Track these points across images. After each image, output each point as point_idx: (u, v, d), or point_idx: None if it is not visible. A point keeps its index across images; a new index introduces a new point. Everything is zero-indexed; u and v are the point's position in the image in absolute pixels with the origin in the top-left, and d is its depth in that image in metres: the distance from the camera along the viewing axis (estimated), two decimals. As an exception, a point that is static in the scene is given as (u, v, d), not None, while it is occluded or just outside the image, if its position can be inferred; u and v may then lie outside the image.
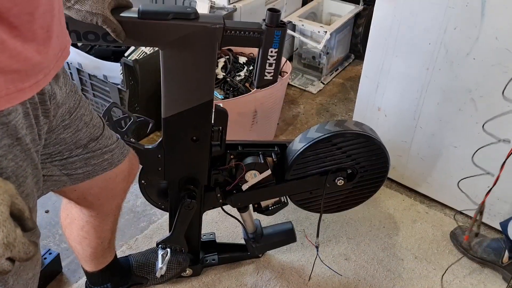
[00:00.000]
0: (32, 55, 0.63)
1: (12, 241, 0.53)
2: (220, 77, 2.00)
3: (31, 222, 0.57)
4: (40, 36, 0.64)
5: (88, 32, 0.95)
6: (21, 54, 0.61)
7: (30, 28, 0.61)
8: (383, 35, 1.64)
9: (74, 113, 0.88)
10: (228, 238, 1.68)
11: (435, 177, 1.78)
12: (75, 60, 1.99)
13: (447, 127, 1.63)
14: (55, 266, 1.52)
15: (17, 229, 0.54)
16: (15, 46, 0.59)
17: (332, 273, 1.56)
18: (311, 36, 2.50)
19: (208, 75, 1.08)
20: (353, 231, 1.72)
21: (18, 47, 0.60)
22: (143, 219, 1.75)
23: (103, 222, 1.19)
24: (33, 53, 0.63)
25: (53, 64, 0.71)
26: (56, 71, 0.72)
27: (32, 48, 0.62)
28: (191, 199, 1.26)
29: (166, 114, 1.14)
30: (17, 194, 0.56)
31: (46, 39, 0.66)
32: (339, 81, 2.69)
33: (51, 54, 0.69)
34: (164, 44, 1.02)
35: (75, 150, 0.91)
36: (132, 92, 1.94)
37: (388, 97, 1.75)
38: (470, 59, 1.46)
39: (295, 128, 2.29)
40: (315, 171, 1.33)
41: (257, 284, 1.52)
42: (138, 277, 1.45)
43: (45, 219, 1.72)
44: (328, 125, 1.30)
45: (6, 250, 0.53)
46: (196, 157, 1.24)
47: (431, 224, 1.75)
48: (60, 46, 0.73)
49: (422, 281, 1.54)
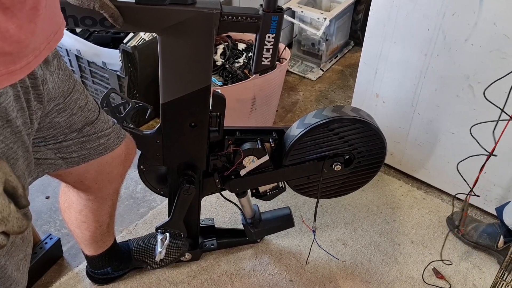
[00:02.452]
0: (25, 36, 0.63)
1: (6, 216, 0.54)
2: (219, 63, 2.00)
3: (24, 199, 0.58)
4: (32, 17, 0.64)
5: (85, 17, 0.95)
6: (13, 37, 0.61)
7: (21, 9, 0.61)
8: (381, 22, 1.64)
9: (69, 97, 0.88)
10: (226, 224, 1.70)
11: (432, 163, 1.79)
12: (74, 47, 1.99)
13: (444, 113, 1.64)
14: (56, 251, 1.54)
15: (11, 204, 0.56)
16: (7, 28, 0.59)
17: (329, 258, 1.58)
18: (311, 22, 2.49)
19: (205, 61, 1.08)
20: (351, 217, 1.74)
21: (10, 29, 0.60)
22: (143, 205, 1.76)
23: (101, 206, 1.21)
24: (26, 34, 0.63)
25: (44, 46, 0.70)
26: (48, 52, 0.72)
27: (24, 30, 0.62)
28: (190, 184, 1.27)
29: (164, 100, 1.15)
30: (11, 172, 0.57)
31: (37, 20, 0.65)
32: (339, 68, 2.69)
33: (42, 35, 0.69)
34: (161, 30, 1.02)
35: (70, 134, 0.92)
36: (131, 78, 1.95)
37: (386, 84, 1.75)
38: (468, 45, 1.46)
39: (294, 115, 2.29)
40: (312, 157, 1.34)
41: (256, 268, 1.54)
42: (138, 261, 1.47)
43: (45, 205, 1.74)
44: (325, 111, 1.31)
45: (1, 224, 0.54)
46: (194, 143, 1.25)
47: (428, 210, 1.77)
48: (52, 28, 0.73)
49: (418, 266, 1.56)
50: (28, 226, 0.58)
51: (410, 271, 1.54)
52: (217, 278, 1.50)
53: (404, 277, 1.53)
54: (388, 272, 1.54)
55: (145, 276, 1.50)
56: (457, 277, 1.53)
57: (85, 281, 1.47)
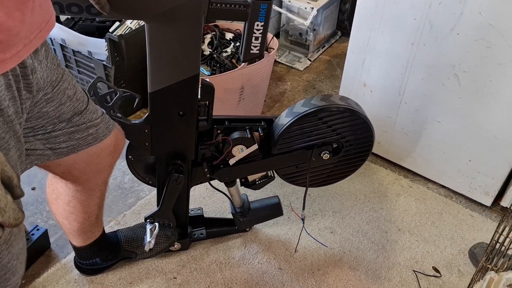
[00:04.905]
0: (14, 25, 0.62)
1: (4, 207, 0.53)
2: (207, 53, 1.99)
3: (19, 189, 0.57)
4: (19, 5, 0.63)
5: (71, 4, 0.94)
6: (2, 25, 0.60)
7: None
8: (369, 11, 1.64)
9: (57, 86, 0.87)
10: (215, 213, 1.70)
11: (419, 151, 1.81)
12: (59, 36, 1.96)
13: (431, 102, 1.66)
14: (43, 242, 1.53)
15: (8, 195, 0.55)
16: None
17: (318, 246, 1.59)
18: (298, 12, 2.48)
19: (194, 49, 1.08)
20: (339, 205, 1.75)
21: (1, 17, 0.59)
22: (131, 195, 1.76)
23: (90, 197, 1.20)
24: (14, 22, 0.62)
25: (34, 35, 0.69)
26: (39, 41, 0.71)
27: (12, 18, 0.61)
28: (178, 174, 1.27)
29: (152, 89, 1.14)
30: (6, 161, 0.56)
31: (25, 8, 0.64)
32: (326, 58, 2.69)
33: (32, 24, 0.68)
34: (149, 17, 1.01)
35: (59, 124, 0.91)
36: (117, 68, 1.92)
37: (373, 73, 1.76)
38: (454, 34, 1.48)
39: (282, 105, 2.29)
40: (301, 146, 1.35)
41: (245, 257, 1.55)
42: (127, 252, 1.46)
43: (32, 196, 1.72)
44: (314, 100, 1.31)
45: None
46: (183, 132, 1.24)
47: (415, 198, 1.80)
48: (43, 17, 0.72)
49: (404, 252, 1.59)
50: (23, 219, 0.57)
51: (397, 258, 1.57)
52: (206, 267, 1.51)
53: (391, 263, 1.55)
54: (376, 259, 1.56)
55: (134, 266, 1.50)
56: (442, 263, 1.55)
57: (73, 272, 1.47)
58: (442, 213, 1.74)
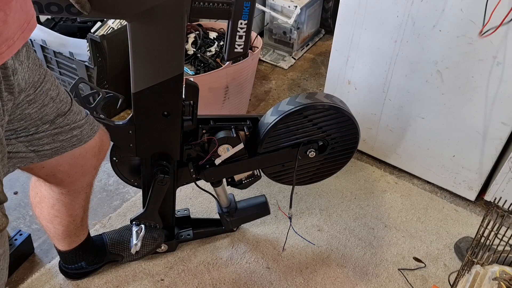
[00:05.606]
0: None
1: None
2: (191, 52, 1.98)
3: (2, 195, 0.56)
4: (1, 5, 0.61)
5: (50, 4, 0.92)
6: None
7: None
8: (352, 8, 1.65)
9: (39, 87, 0.86)
10: (202, 213, 1.69)
11: (403, 148, 1.83)
12: (39, 36, 1.93)
13: (414, 98, 1.67)
14: (27, 247, 1.50)
15: None
16: None
17: (305, 244, 1.60)
18: (282, 11, 2.48)
19: (177, 48, 1.07)
20: (326, 203, 1.76)
21: None
22: (116, 197, 1.73)
23: (74, 200, 1.18)
24: None
25: (17, 36, 0.68)
26: (22, 42, 0.70)
27: None
28: (164, 175, 1.26)
29: (135, 89, 1.13)
30: None
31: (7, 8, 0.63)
32: (310, 56, 2.70)
33: (15, 24, 0.66)
34: (131, 16, 0.99)
35: (42, 125, 0.89)
36: (100, 69, 1.90)
37: (357, 70, 1.77)
38: (436, 31, 1.49)
39: (267, 104, 2.29)
40: (287, 144, 1.35)
41: (233, 257, 1.54)
42: (113, 255, 1.44)
43: (14, 201, 1.68)
44: (299, 98, 1.31)
45: None
46: (167, 132, 1.23)
47: (400, 194, 1.81)
48: (25, 17, 0.70)
49: (391, 248, 1.60)
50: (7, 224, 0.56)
51: (384, 254, 1.58)
52: (194, 268, 1.50)
53: (379, 260, 1.56)
54: (363, 255, 1.57)
55: (120, 269, 1.48)
56: (428, 257, 1.57)
57: (58, 277, 1.44)
58: (427, 208, 1.75)
